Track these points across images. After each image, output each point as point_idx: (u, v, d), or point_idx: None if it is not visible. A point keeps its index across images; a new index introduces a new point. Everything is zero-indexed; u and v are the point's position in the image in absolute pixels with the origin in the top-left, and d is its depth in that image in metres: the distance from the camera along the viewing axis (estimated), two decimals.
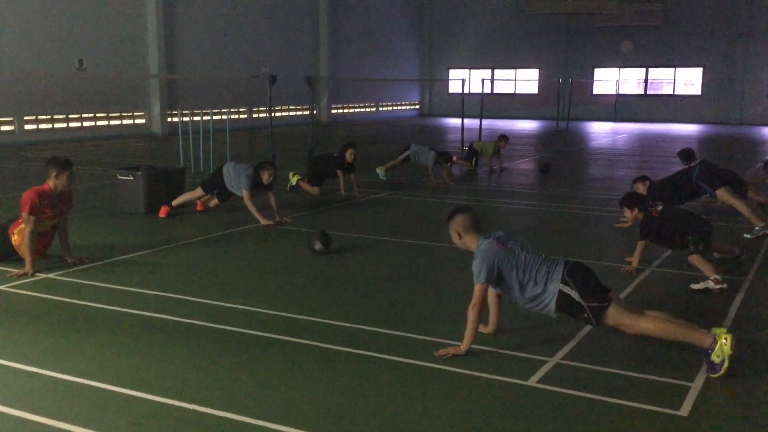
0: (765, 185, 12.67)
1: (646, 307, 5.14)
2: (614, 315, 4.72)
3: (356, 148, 11.66)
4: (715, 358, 4.48)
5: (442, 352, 4.85)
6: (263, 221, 9.06)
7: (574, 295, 4.72)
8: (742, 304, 6.11)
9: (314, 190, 11.41)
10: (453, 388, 4.40)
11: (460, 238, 5.07)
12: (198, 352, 4.90)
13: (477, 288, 4.86)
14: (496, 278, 4.85)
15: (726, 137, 25.72)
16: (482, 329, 5.21)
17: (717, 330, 4.57)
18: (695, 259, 6.57)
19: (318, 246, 7.65)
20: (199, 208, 9.94)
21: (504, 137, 15.54)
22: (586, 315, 4.74)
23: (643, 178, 9.54)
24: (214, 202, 9.91)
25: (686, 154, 10.90)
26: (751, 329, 5.45)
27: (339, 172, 11.39)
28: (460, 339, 5.02)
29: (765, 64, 32.62)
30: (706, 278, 6.42)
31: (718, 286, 6.35)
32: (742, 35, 32.48)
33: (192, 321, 5.50)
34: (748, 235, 8.53)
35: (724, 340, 4.47)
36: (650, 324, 4.67)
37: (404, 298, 6.25)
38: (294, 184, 11.68)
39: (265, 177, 9.30)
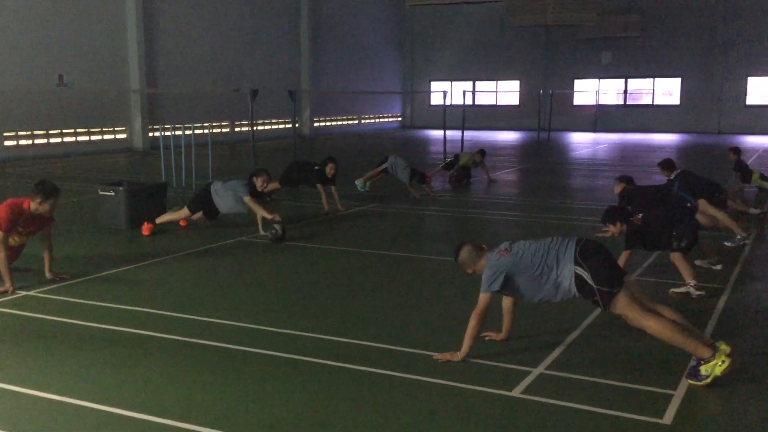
0: (743, 194, 12.83)
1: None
2: (622, 304, 4.71)
3: (336, 162, 11.66)
4: (703, 370, 4.50)
5: (438, 356, 4.94)
6: (269, 216, 9.14)
7: (587, 277, 4.74)
8: (723, 312, 6.16)
9: (274, 185, 11.57)
10: (438, 399, 4.40)
11: (475, 272, 5.14)
12: (181, 368, 4.87)
13: (482, 297, 4.96)
14: (511, 286, 4.94)
15: (705, 146, 26.01)
16: (494, 336, 5.29)
17: (722, 347, 4.54)
18: (676, 258, 6.62)
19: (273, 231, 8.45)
20: (182, 223, 9.88)
21: (482, 152, 15.36)
22: (595, 298, 4.74)
23: (622, 179, 9.66)
24: (200, 216, 9.85)
25: (666, 165, 11.01)
26: (732, 338, 5.49)
27: (319, 186, 11.34)
28: (447, 350, 5.04)
29: (742, 74, 33.04)
30: (685, 284, 6.48)
31: (698, 293, 6.43)
32: (719, 45, 32.92)
33: (175, 336, 5.47)
34: (729, 243, 8.62)
35: (721, 361, 4.46)
36: (654, 324, 4.64)
37: (389, 311, 6.25)
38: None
39: (259, 183, 9.49)
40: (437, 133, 32.09)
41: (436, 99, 38.16)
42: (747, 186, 13.17)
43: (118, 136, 23.30)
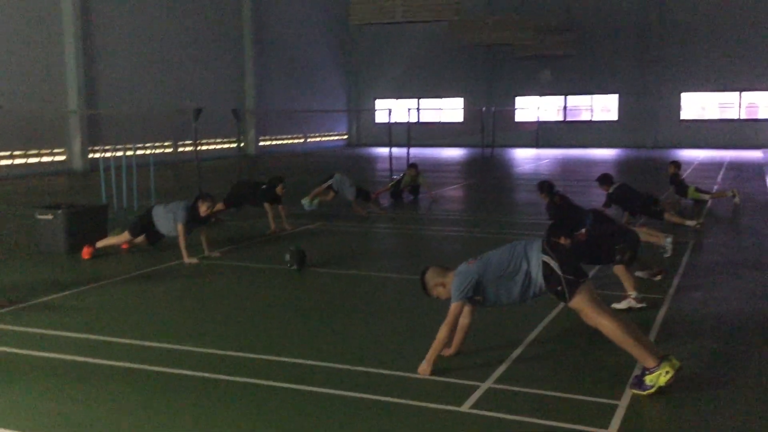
0: (680, 206, 13.25)
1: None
2: (582, 299, 4.79)
3: (285, 182, 11.63)
4: (647, 379, 4.59)
5: (424, 369, 4.97)
6: (187, 259, 8.89)
7: (555, 265, 4.79)
8: (663, 322, 6.33)
9: (220, 205, 11.42)
10: (388, 418, 4.39)
11: (445, 286, 5.15)
12: (123, 396, 4.75)
13: (453, 307, 4.99)
14: (482, 292, 4.96)
15: (642, 160, 26.77)
16: (444, 351, 5.28)
17: (671, 360, 4.63)
18: (619, 270, 6.77)
19: (291, 259, 8.26)
20: (124, 246, 9.67)
21: (413, 166, 15.33)
22: (560, 287, 4.79)
23: (605, 180, 10.69)
24: (142, 240, 9.65)
25: (605, 180, 11.31)
26: (673, 347, 5.64)
27: (267, 205, 11.26)
28: (395, 368, 5.05)
29: (676, 89, 34.21)
30: (626, 297, 6.64)
31: (639, 305, 6.59)
32: (653, 62, 34.03)
33: (117, 363, 5.34)
34: (666, 254, 8.83)
35: (665, 372, 4.56)
36: (608, 323, 4.72)
37: (336, 330, 6.22)
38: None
39: (203, 209, 9.15)
40: (383, 151, 32.25)
41: (381, 117, 38.39)
42: (683, 199, 13.59)
43: (57, 158, 22.74)
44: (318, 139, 37.46)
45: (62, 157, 22.88)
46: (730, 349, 5.62)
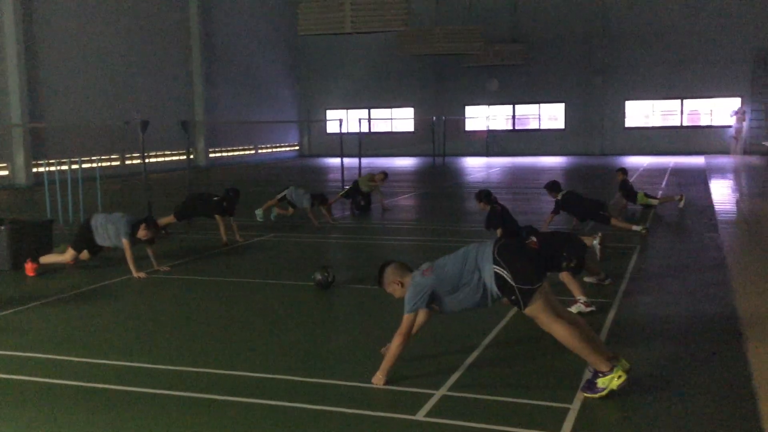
0: (626, 212, 13.55)
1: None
2: (537, 306, 4.81)
3: (239, 194, 11.57)
4: (600, 383, 4.67)
5: (375, 380, 4.97)
6: (136, 274, 8.72)
7: (507, 276, 4.80)
8: (612, 325, 6.46)
9: (170, 218, 11.36)
10: (343, 428, 4.37)
11: (402, 286, 5.12)
12: (71, 415, 4.63)
13: (406, 318, 4.97)
14: (437, 302, 4.97)
15: (590, 167, 27.32)
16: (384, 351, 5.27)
17: (621, 364, 4.74)
18: (565, 277, 6.90)
19: (320, 278, 7.97)
20: (70, 262, 9.44)
21: (384, 173, 15.45)
22: (514, 297, 4.81)
23: (553, 186, 11.13)
24: (85, 255, 9.45)
25: (553, 187, 11.50)
26: (622, 350, 5.75)
27: (218, 217, 11.14)
28: (348, 378, 5.03)
29: (620, 98, 35.03)
30: (575, 301, 6.76)
31: (588, 309, 6.71)
32: (598, 71, 34.81)
33: (65, 382, 5.20)
34: (597, 256, 8.92)
35: (618, 376, 4.65)
36: (562, 330, 4.77)
37: (289, 342, 6.18)
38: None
39: (141, 233, 8.90)
40: (335, 161, 32.22)
41: (332, 127, 38.38)
42: (631, 205, 13.90)
43: None
44: (269, 150, 37.24)
45: (4, 172, 22.26)
46: (678, 350, 5.76)
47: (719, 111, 33.90)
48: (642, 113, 35.38)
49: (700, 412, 4.58)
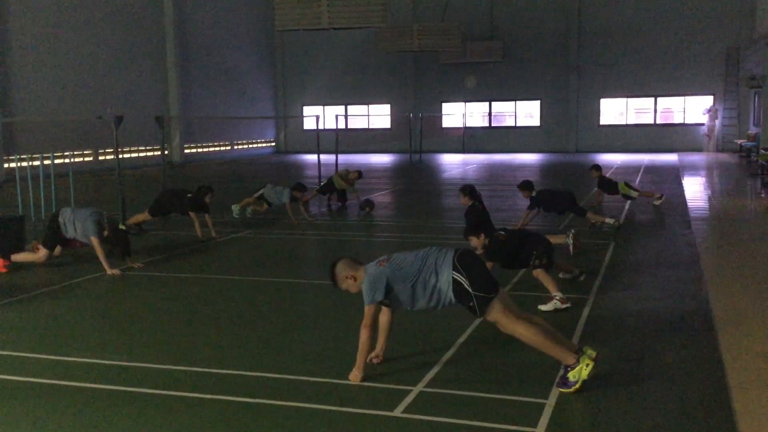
0: (601, 207, 13.67)
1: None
2: (496, 311, 4.86)
3: (212, 191, 11.45)
4: (571, 376, 4.72)
5: (355, 377, 4.97)
6: (109, 271, 8.62)
7: (465, 282, 4.83)
8: (587, 320, 6.51)
9: (145, 215, 11.28)
10: (320, 425, 4.36)
11: (356, 280, 5.10)
12: (45, 413, 4.56)
13: (367, 309, 4.96)
14: (392, 295, 4.94)
15: (564, 164, 27.52)
16: (373, 359, 5.25)
17: (587, 352, 4.79)
18: (539, 273, 6.97)
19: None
20: (43, 260, 9.30)
21: (344, 171, 15.29)
22: (471, 303, 4.84)
23: (525, 185, 11.41)
24: (58, 250, 9.31)
25: (526, 186, 11.61)
26: (598, 345, 5.79)
27: (192, 214, 11.04)
28: (325, 375, 5.01)
29: (594, 96, 35.33)
30: (552, 298, 6.81)
31: (564, 305, 6.76)
32: (573, 69, 35.06)
33: (38, 380, 5.13)
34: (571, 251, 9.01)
35: (585, 365, 4.71)
36: (525, 331, 4.83)
37: (265, 339, 6.15)
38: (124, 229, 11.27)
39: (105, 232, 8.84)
40: (311, 158, 32.13)
41: (309, 123, 38.26)
42: (615, 196, 14.04)
43: None
44: (245, 146, 37.02)
45: None
46: (651, 346, 5.82)
47: (692, 109, 34.32)
48: (616, 111, 35.71)
49: (673, 406, 4.63)
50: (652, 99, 34.84)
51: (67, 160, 21.20)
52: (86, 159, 25.52)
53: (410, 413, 4.49)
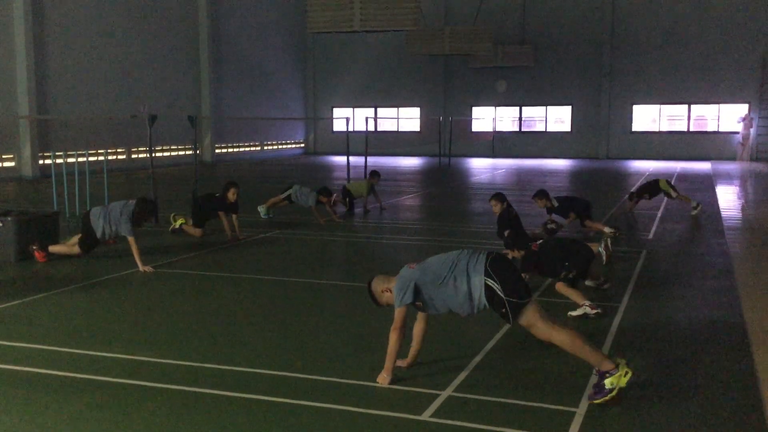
0: (633, 214, 13.55)
1: None
2: (530, 315, 4.80)
3: (238, 187, 11.44)
4: (608, 383, 4.59)
5: (384, 379, 4.96)
6: (142, 268, 8.74)
7: (497, 288, 4.79)
8: (619, 329, 6.44)
9: (197, 232, 11.16)
10: (349, 427, 4.36)
11: (391, 291, 5.12)
12: (77, 406, 4.63)
13: (397, 312, 4.97)
14: (422, 298, 4.95)
15: (594, 171, 27.26)
16: (399, 363, 5.24)
17: (621, 361, 4.73)
18: (561, 287, 6.91)
19: None
20: (79, 254, 9.49)
21: (375, 173, 15.10)
22: (504, 309, 4.80)
23: (542, 194, 11.23)
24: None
25: (542, 195, 11.56)
26: (628, 355, 5.73)
27: (221, 213, 11.10)
28: (354, 377, 5.02)
29: (627, 102, 34.96)
30: (580, 306, 6.75)
31: (594, 311, 6.69)
32: (605, 75, 34.74)
33: (71, 374, 5.21)
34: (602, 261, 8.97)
35: (624, 372, 4.59)
36: (561, 335, 4.75)
37: (293, 339, 6.18)
38: (177, 227, 11.34)
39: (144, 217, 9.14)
40: (340, 159, 32.23)
41: (338, 125, 38.37)
42: (647, 201, 14.02)
43: (6, 164, 22.17)
44: (275, 146, 37.25)
45: (11, 164, 22.31)
46: (684, 356, 5.74)
47: (726, 117, 33.80)
48: (649, 117, 35.30)
49: (706, 418, 4.56)
50: (686, 106, 34.39)
51: (101, 158, 21.46)
52: (119, 157, 25.87)
53: (438, 417, 4.48)
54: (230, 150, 33.32)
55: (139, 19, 26.72)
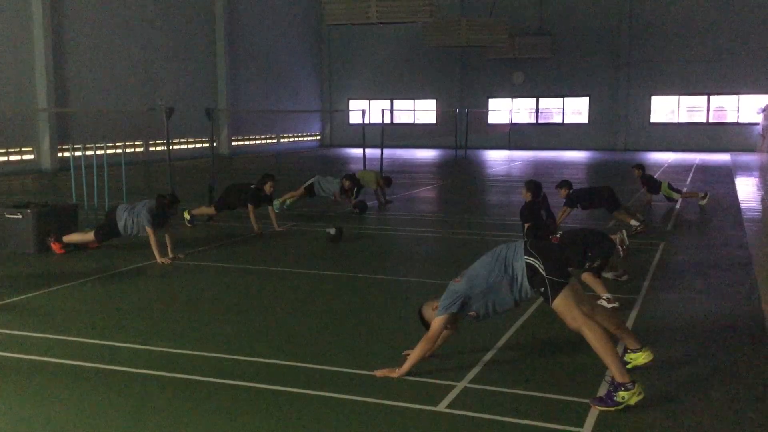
0: (651, 207, 13.44)
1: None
2: (564, 302, 4.72)
3: (275, 180, 11.43)
4: (618, 397, 4.47)
5: (378, 372, 4.98)
6: (159, 259, 8.81)
7: (539, 265, 4.76)
8: (637, 321, 6.40)
9: (210, 210, 11.38)
10: (365, 417, 4.38)
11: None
12: (95, 396, 4.68)
13: (436, 320, 5.00)
14: (475, 307, 4.99)
15: (612, 162, 27.07)
16: (406, 353, 5.24)
17: (645, 355, 4.75)
18: (587, 277, 6.84)
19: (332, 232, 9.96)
20: (92, 246, 9.56)
21: (389, 181, 14.79)
22: (543, 288, 4.75)
23: (564, 184, 11.04)
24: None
25: (563, 184, 11.43)
26: (646, 346, 5.68)
27: (250, 206, 11.05)
28: (370, 368, 5.03)
29: (646, 93, 34.67)
30: (598, 297, 6.71)
31: (611, 305, 6.65)
32: (624, 66, 34.45)
33: (89, 364, 5.26)
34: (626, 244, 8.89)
35: (638, 392, 4.46)
36: (589, 332, 4.64)
37: (310, 330, 6.20)
38: (189, 217, 11.42)
39: (169, 210, 9.21)
40: (357, 152, 32.23)
41: (354, 118, 38.36)
42: (656, 196, 13.81)
43: (25, 157, 22.37)
44: (291, 139, 37.32)
45: (30, 156, 22.51)
46: (702, 348, 5.70)
47: (746, 108, 33.42)
48: (668, 109, 34.99)
49: (725, 409, 4.53)
50: (705, 97, 34.05)
51: (119, 150, 21.60)
52: (137, 150, 26.03)
53: (454, 409, 4.48)
54: (247, 143, 33.43)
55: (157, 12, 26.82)
